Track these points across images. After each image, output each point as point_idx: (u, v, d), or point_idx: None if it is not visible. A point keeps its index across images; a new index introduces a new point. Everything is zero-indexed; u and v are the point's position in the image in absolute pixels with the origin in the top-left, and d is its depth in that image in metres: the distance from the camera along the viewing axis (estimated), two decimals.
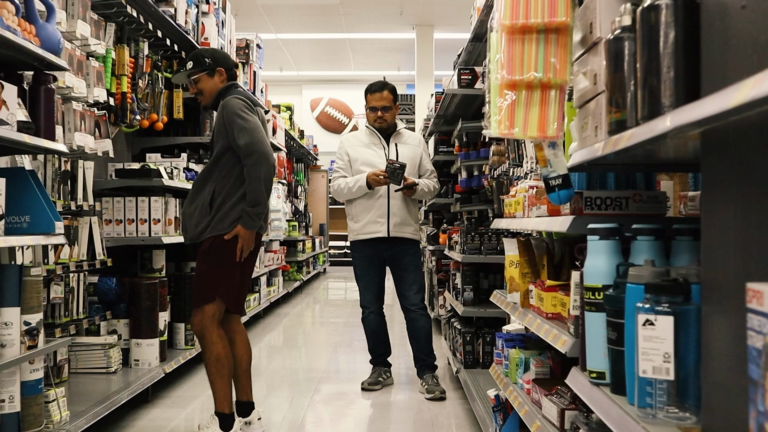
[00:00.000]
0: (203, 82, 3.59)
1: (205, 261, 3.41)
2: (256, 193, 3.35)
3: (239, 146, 3.34)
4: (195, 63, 3.61)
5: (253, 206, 3.36)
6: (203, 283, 3.40)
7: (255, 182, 3.34)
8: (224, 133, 3.41)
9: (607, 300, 1.68)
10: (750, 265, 1.14)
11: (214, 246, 3.38)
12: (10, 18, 2.64)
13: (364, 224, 4.48)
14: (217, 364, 3.35)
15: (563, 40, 2.02)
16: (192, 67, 3.61)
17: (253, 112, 3.44)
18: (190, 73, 3.60)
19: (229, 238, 3.36)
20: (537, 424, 2.35)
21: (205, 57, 3.60)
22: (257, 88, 7.53)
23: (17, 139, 2.62)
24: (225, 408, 3.37)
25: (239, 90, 3.58)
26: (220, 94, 3.56)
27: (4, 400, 2.72)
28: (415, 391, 4.49)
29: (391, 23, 12.44)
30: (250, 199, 3.36)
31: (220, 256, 3.38)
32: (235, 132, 3.36)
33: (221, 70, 3.59)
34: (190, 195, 3.50)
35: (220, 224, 3.37)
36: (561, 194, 2.07)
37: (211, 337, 3.35)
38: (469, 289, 4.53)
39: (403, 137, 4.60)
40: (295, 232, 10.60)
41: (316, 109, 17.32)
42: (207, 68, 3.58)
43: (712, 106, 1.05)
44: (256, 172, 3.34)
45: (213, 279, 3.40)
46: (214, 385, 3.37)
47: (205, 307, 3.36)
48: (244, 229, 3.36)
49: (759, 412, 0.97)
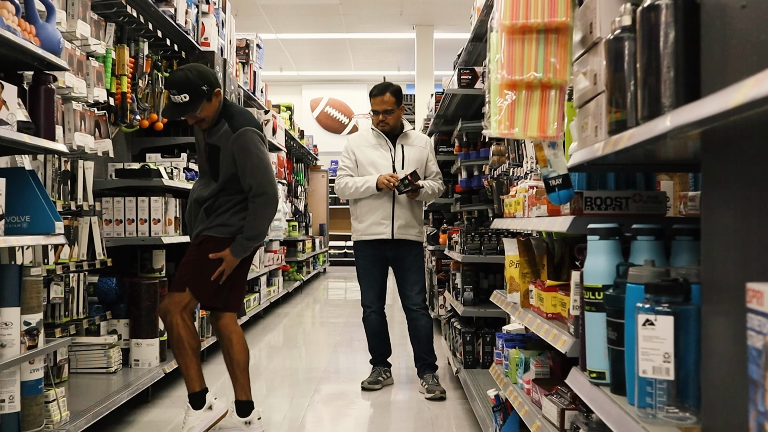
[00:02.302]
0: (205, 110, 3.39)
1: (189, 253, 3.51)
2: (257, 230, 3.43)
3: (249, 185, 3.38)
4: (193, 96, 3.33)
5: (249, 239, 3.43)
6: (180, 272, 3.51)
7: (259, 220, 3.43)
8: (233, 162, 3.41)
9: (607, 300, 1.68)
10: (750, 265, 1.14)
11: (204, 246, 3.45)
12: (10, 18, 2.64)
13: (368, 225, 4.49)
14: (177, 344, 3.43)
15: (563, 40, 2.02)
16: (190, 101, 3.33)
17: (264, 144, 3.49)
18: (193, 108, 3.36)
19: (214, 258, 3.42)
20: (537, 424, 2.35)
21: (200, 86, 3.34)
22: (257, 88, 7.54)
23: (17, 139, 2.62)
24: (194, 387, 3.46)
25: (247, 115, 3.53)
26: (220, 114, 3.46)
27: (4, 400, 2.72)
28: (415, 391, 4.49)
29: (391, 23, 12.44)
30: (249, 233, 3.42)
31: (204, 255, 3.44)
32: (247, 169, 3.38)
33: (218, 90, 3.41)
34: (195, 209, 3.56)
35: (217, 228, 3.45)
36: (561, 194, 2.07)
37: (172, 319, 3.41)
38: (469, 289, 4.53)
39: (409, 139, 4.60)
40: (295, 232, 10.60)
41: (316, 109, 17.32)
42: (206, 96, 3.37)
43: (712, 106, 1.05)
44: (262, 213, 3.42)
45: (188, 271, 3.47)
46: (180, 367, 3.49)
47: (175, 294, 3.46)
48: (231, 255, 3.43)
49: (759, 412, 0.97)
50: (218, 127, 3.47)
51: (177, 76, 3.39)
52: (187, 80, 3.33)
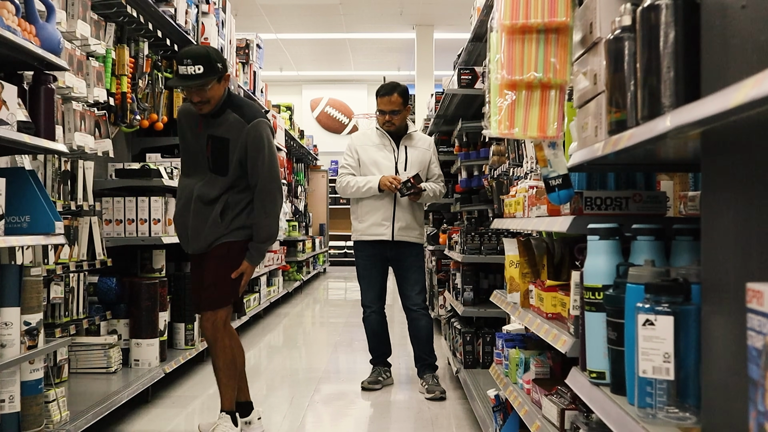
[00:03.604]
0: (214, 89, 3.25)
1: (221, 266, 3.34)
2: (270, 229, 3.35)
3: (258, 180, 3.28)
4: (207, 70, 3.19)
5: (263, 241, 3.35)
6: (218, 287, 3.34)
7: (270, 218, 3.34)
8: (245, 154, 3.29)
9: (607, 300, 1.68)
10: (750, 265, 1.14)
11: (231, 253, 3.34)
12: (10, 18, 2.64)
13: (368, 225, 4.49)
14: (231, 367, 3.37)
15: (563, 40, 2.02)
16: (204, 73, 3.18)
17: (274, 137, 3.45)
18: (205, 81, 3.20)
19: (235, 277, 3.33)
20: (537, 424, 2.35)
21: (217, 62, 3.23)
22: (257, 88, 7.54)
23: (17, 139, 2.62)
24: (233, 406, 3.42)
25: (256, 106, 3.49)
26: (224, 103, 3.33)
27: (4, 400, 2.72)
28: (415, 391, 4.49)
29: (391, 23, 12.44)
30: (262, 234, 3.34)
31: (233, 264, 3.35)
32: (258, 163, 3.28)
33: (228, 75, 3.32)
34: (198, 208, 3.35)
35: (237, 232, 3.34)
36: (561, 194, 2.07)
37: (224, 341, 3.35)
38: (469, 289, 4.54)
39: (413, 140, 4.60)
40: (295, 232, 10.60)
41: (316, 109, 17.32)
42: (219, 75, 3.25)
43: (712, 106, 1.05)
44: (273, 209, 3.34)
45: (228, 284, 3.35)
46: (226, 387, 3.39)
47: (219, 312, 3.35)
48: (250, 264, 3.35)
49: (759, 412, 0.97)
50: (224, 117, 3.32)
51: (194, 48, 3.35)
52: (206, 53, 3.24)
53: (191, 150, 3.43)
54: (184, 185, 3.46)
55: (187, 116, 3.46)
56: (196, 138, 3.39)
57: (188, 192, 3.40)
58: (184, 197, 3.42)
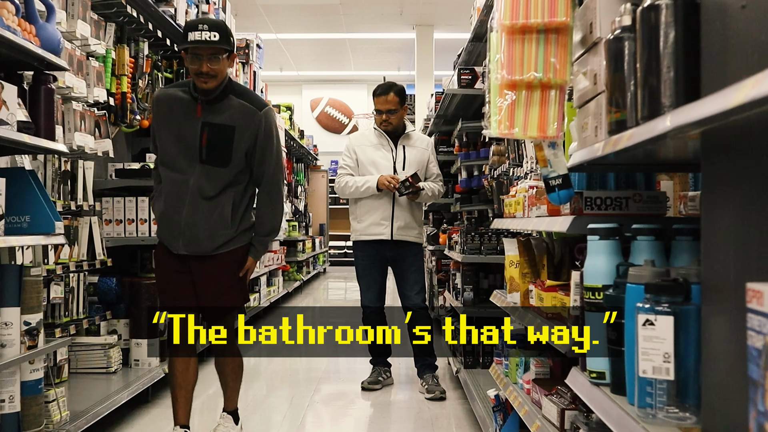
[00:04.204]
0: (223, 63, 3.02)
1: (237, 271, 3.22)
2: (275, 222, 3.27)
3: (264, 171, 3.14)
4: (221, 39, 2.98)
5: (267, 234, 3.26)
6: (237, 293, 3.26)
7: (276, 211, 3.26)
8: (253, 143, 3.10)
9: (607, 300, 1.68)
10: (750, 265, 1.14)
11: (243, 257, 3.23)
12: (10, 18, 2.64)
13: (367, 225, 4.49)
14: (239, 369, 3.43)
15: (563, 40, 2.02)
16: (218, 41, 2.97)
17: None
18: (220, 49, 2.99)
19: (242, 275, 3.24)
20: (537, 424, 2.35)
21: (231, 36, 3.05)
22: (257, 88, 7.53)
23: (17, 139, 2.62)
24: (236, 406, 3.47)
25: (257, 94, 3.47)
26: (225, 88, 3.10)
27: (4, 400, 2.72)
28: (415, 391, 4.49)
29: (391, 23, 12.44)
30: (266, 227, 3.24)
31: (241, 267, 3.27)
32: (267, 152, 3.13)
33: (235, 56, 3.16)
34: (196, 203, 3.08)
35: (243, 236, 3.21)
36: (561, 194, 2.07)
37: (236, 345, 3.37)
38: (469, 289, 4.53)
39: (411, 140, 4.60)
40: (295, 232, 10.60)
41: (316, 109, 17.32)
42: (230, 49, 3.06)
43: (712, 106, 1.05)
44: (279, 201, 3.26)
45: (244, 287, 3.30)
46: (233, 390, 3.43)
47: (238, 317, 3.35)
48: (253, 259, 3.26)
49: (759, 412, 0.97)
50: (225, 103, 3.08)
51: (212, 19, 3.26)
52: (224, 25, 3.06)
53: (183, 137, 3.09)
54: (172, 178, 3.10)
55: (177, 101, 3.12)
56: (190, 124, 3.08)
57: (181, 185, 3.08)
58: (175, 191, 3.09)
